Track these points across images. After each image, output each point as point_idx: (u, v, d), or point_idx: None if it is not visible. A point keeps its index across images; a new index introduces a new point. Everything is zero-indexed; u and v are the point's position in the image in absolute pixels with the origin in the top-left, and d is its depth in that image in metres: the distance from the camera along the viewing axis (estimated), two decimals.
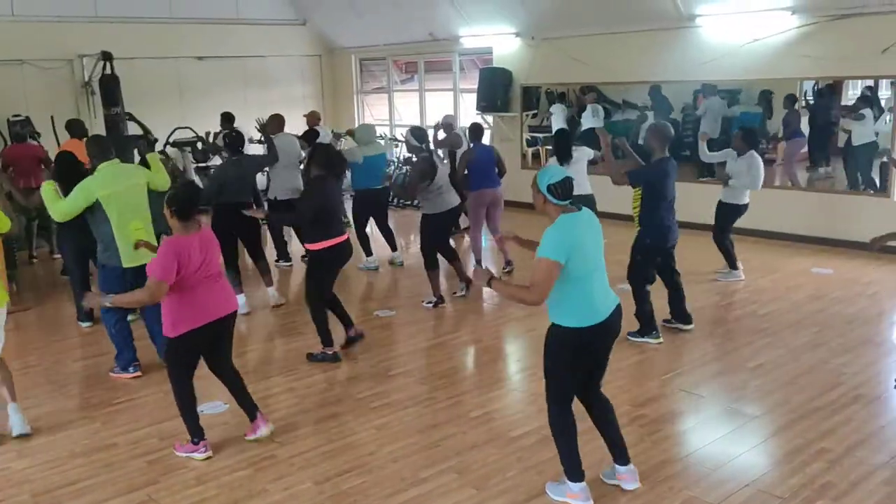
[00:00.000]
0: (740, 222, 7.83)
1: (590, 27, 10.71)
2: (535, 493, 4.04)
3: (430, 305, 7.40)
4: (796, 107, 9.34)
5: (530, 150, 12.16)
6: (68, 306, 7.77)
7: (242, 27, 13.86)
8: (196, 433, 4.54)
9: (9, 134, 11.13)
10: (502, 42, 12.09)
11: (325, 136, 10.02)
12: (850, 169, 8.98)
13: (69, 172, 6.21)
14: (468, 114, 12.78)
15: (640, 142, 9.15)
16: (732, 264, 7.97)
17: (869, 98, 8.78)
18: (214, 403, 5.27)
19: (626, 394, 5.24)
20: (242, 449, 4.63)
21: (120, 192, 5.59)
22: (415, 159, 7.49)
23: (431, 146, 7.75)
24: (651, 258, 6.14)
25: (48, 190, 5.66)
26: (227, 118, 10.69)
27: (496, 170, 8.32)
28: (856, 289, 7.44)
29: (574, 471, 3.89)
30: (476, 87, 12.43)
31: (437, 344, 6.36)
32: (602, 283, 3.82)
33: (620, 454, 4.04)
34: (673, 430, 4.79)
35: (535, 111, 11.97)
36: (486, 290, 7.68)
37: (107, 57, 11.80)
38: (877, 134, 8.67)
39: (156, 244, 5.46)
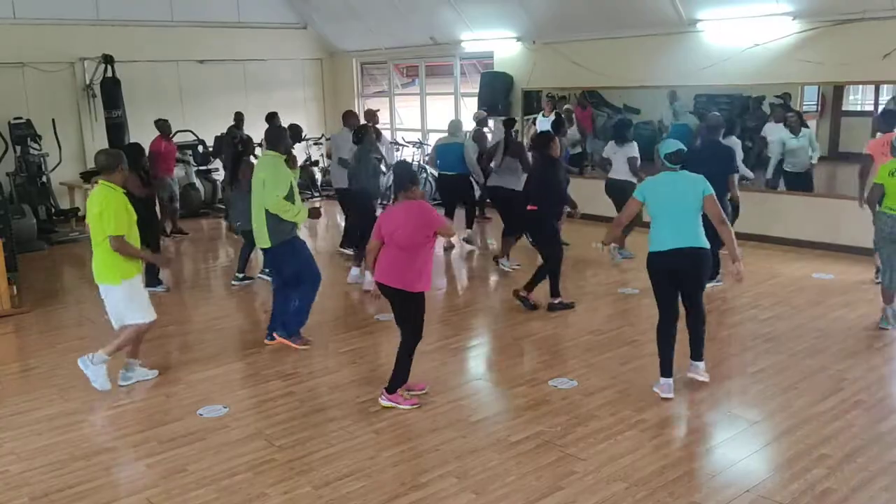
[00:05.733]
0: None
1: (591, 32, 10.73)
2: (535, 498, 4.04)
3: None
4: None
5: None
6: (68, 308, 7.84)
7: (244, 31, 13.89)
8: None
9: (10, 136, 11.16)
10: (503, 46, 12.11)
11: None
12: None
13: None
14: (468, 116, 12.75)
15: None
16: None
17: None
18: (214, 407, 5.27)
19: (627, 398, 5.24)
20: (242, 452, 4.63)
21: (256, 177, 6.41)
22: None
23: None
24: None
25: None
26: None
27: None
28: (856, 294, 7.43)
29: (663, 367, 5.22)
30: (477, 91, 12.45)
31: (438, 348, 6.35)
32: (674, 225, 5.04)
33: (696, 352, 5.33)
34: (673, 435, 4.79)
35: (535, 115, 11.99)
36: (486, 292, 7.74)
37: (108, 60, 11.82)
38: None
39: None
